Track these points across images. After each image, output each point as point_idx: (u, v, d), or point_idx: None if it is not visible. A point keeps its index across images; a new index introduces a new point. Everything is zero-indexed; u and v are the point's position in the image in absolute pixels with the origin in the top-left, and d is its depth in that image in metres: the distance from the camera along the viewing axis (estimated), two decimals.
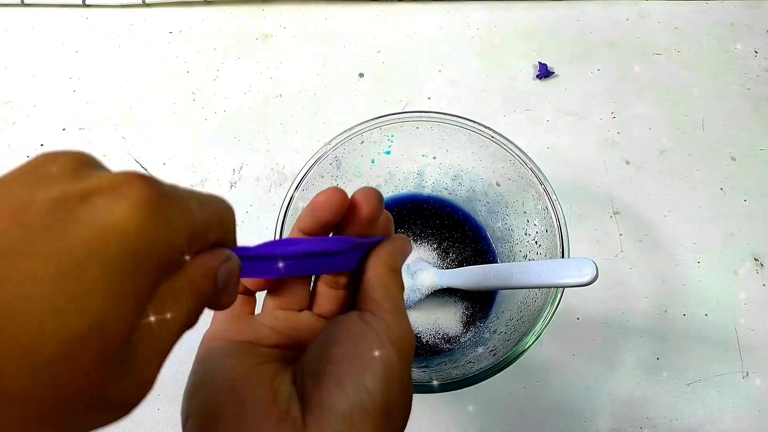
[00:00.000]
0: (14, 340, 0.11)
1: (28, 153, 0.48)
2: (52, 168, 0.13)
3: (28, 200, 0.12)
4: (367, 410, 0.18)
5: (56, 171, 0.13)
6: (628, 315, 0.43)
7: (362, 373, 0.18)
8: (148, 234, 0.13)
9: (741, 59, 0.53)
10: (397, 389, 0.19)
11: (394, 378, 0.19)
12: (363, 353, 0.19)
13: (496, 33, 0.54)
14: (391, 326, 0.20)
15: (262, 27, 0.54)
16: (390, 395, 0.19)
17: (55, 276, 0.11)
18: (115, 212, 0.12)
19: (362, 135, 0.36)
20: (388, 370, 0.19)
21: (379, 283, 0.22)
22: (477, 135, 0.36)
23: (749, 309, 0.44)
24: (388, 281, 0.22)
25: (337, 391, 0.18)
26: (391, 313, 0.21)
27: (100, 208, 0.12)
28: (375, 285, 0.21)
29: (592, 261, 0.29)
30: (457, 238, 0.42)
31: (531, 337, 0.31)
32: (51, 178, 0.13)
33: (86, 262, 0.12)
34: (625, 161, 0.49)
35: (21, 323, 0.11)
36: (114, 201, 0.12)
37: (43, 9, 0.54)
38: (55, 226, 0.12)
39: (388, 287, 0.22)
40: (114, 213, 0.12)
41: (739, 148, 0.49)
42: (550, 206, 0.34)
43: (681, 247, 0.45)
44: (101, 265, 0.12)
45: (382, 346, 0.19)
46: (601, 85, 0.52)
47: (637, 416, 0.41)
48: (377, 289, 0.21)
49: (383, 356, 0.19)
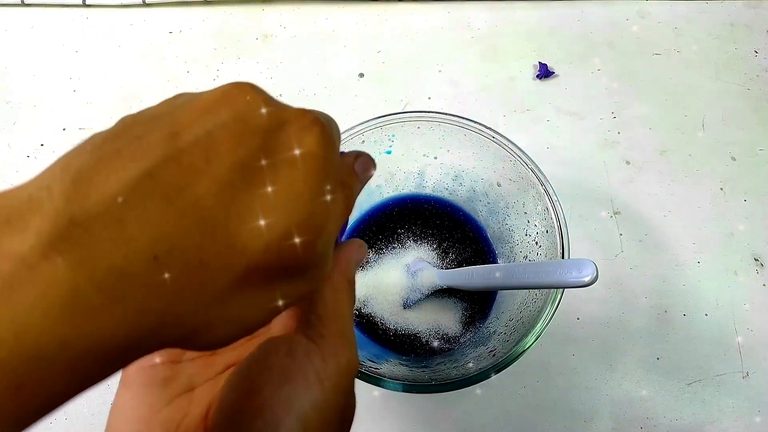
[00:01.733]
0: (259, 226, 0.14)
1: (28, 153, 0.48)
2: (246, 96, 0.16)
3: (243, 122, 0.15)
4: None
5: (251, 99, 0.16)
6: (628, 315, 0.43)
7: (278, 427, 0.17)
8: (328, 155, 0.16)
9: (741, 59, 0.53)
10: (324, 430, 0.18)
11: (321, 422, 0.17)
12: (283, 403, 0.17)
13: (496, 33, 0.54)
14: (328, 356, 0.18)
15: (262, 27, 0.54)
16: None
17: (277, 182, 0.15)
18: (308, 141, 0.16)
19: (363, 135, 0.36)
20: (313, 417, 0.17)
21: (332, 296, 0.19)
22: (478, 135, 0.36)
23: (749, 309, 0.44)
24: (343, 295, 0.20)
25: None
26: (333, 336, 0.19)
27: (296, 137, 0.16)
28: (327, 298, 0.19)
29: (592, 262, 0.29)
30: (458, 238, 0.42)
31: (531, 337, 0.31)
32: (250, 104, 0.16)
33: (296, 174, 0.15)
34: (625, 161, 0.49)
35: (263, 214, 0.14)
36: (304, 132, 0.16)
37: (43, 9, 0.54)
38: (268, 147, 0.15)
39: (340, 302, 0.19)
40: (307, 141, 0.16)
41: (739, 148, 0.49)
42: (551, 207, 0.34)
43: (681, 247, 0.46)
44: (307, 176, 0.15)
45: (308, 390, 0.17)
46: (601, 85, 0.52)
47: (637, 416, 0.41)
48: (327, 303, 0.19)
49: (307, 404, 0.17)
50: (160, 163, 0.13)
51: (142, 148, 0.14)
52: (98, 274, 0.12)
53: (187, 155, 0.14)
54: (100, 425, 0.41)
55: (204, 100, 0.15)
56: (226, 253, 0.14)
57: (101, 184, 0.13)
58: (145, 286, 0.13)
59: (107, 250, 0.12)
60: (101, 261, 0.12)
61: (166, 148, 0.14)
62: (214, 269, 0.14)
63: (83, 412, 0.40)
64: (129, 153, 0.13)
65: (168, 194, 0.13)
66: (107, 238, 0.12)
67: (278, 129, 0.15)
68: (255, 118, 0.15)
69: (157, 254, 0.13)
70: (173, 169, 0.13)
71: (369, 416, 0.39)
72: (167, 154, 0.14)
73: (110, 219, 0.12)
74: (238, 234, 0.14)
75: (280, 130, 0.16)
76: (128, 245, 0.12)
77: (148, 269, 0.13)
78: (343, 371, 0.18)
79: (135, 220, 0.13)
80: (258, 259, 0.14)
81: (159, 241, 0.13)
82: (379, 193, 0.42)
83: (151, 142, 0.14)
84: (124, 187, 0.13)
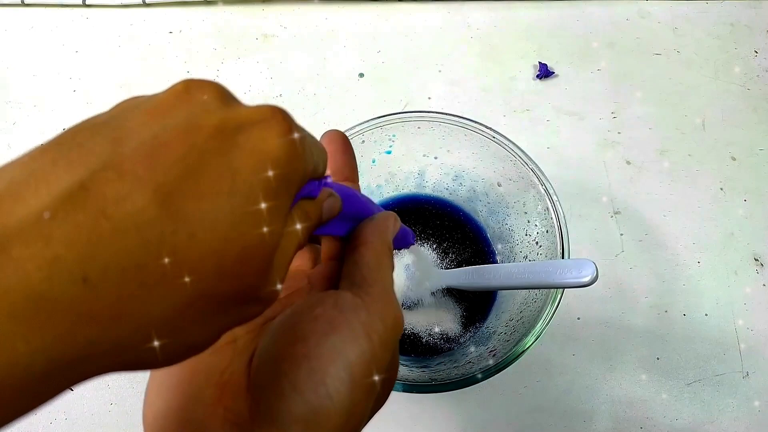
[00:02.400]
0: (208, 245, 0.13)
1: None
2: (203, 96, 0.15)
3: (193, 124, 0.14)
4: (328, 416, 0.16)
5: (208, 99, 0.15)
6: (628, 315, 0.43)
7: (325, 376, 0.16)
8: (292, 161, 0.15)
9: (741, 59, 0.53)
10: (368, 388, 0.17)
11: (365, 377, 0.17)
12: (329, 352, 0.17)
13: (496, 33, 0.54)
14: (374, 312, 0.18)
15: (262, 27, 0.54)
16: (357, 397, 0.17)
17: (230, 193, 0.13)
18: (268, 142, 0.14)
19: (363, 135, 0.36)
20: (358, 371, 0.17)
21: (375, 259, 0.20)
22: (478, 135, 0.36)
23: (749, 309, 0.44)
24: (385, 259, 0.20)
25: (292, 394, 0.16)
26: (379, 295, 0.19)
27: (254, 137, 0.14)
28: (369, 261, 0.19)
29: (593, 262, 0.29)
30: (458, 238, 0.42)
31: (531, 337, 0.31)
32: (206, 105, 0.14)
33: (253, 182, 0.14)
34: (625, 161, 0.49)
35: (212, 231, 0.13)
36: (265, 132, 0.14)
37: (43, 9, 0.54)
38: (221, 150, 0.14)
39: (383, 265, 0.20)
40: (267, 143, 0.14)
41: (739, 148, 0.49)
42: (551, 207, 0.34)
43: (681, 247, 0.46)
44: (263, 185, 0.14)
45: (355, 342, 0.17)
46: (601, 85, 0.52)
47: (637, 416, 0.41)
48: (371, 266, 0.19)
49: (354, 355, 0.17)
50: (98, 171, 0.12)
51: (81, 157, 0.12)
52: (13, 300, 0.11)
53: (129, 162, 0.12)
54: (100, 425, 0.41)
55: (156, 101, 0.14)
56: (171, 274, 0.12)
57: (29, 199, 0.11)
58: (71, 311, 0.11)
59: (25, 273, 0.11)
60: (18, 285, 0.11)
61: (106, 156, 0.12)
62: (158, 293, 0.12)
63: (83, 412, 0.40)
64: (66, 162, 0.12)
65: (103, 207, 0.12)
66: (27, 259, 0.11)
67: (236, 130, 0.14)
68: (209, 118, 0.14)
69: (87, 275, 0.11)
70: (112, 177, 0.12)
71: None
72: (107, 162, 0.12)
73: (33, 237, 0.11)
74: (186, 252, 0.12)
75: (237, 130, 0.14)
76: (52, 266, 0.11)
77: (75, 293, 0.11)
78: (390, 326, 0.18)
79: (62, 237, 0.11)
80: (209, 284, 0.13)
81: (89, 261, 0.11)
82: (379, 193, 0.43)
83: (92, 149, 0.13)
84: (54, 200, 0.11)
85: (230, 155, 0.14)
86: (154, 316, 0.12)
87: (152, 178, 0.12)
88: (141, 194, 0.12)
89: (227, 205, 0.13)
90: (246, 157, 0.14)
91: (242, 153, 0.14)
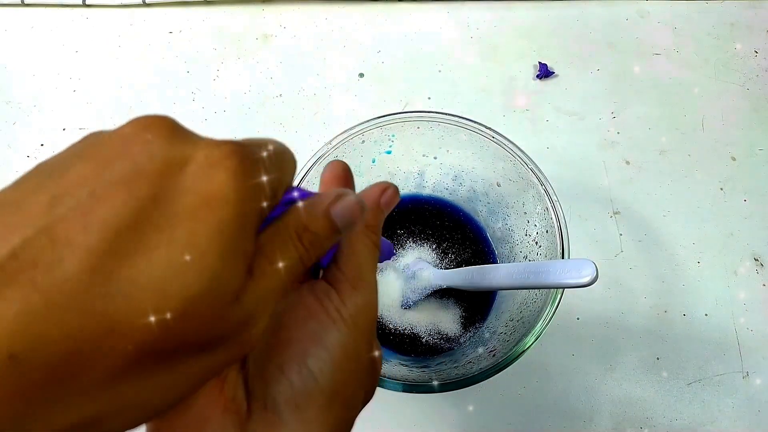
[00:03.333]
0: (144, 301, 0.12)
1: (28, 153, 0.48)
2: (147, 135, 0.14)
3: (135, 171, 0.13)
4: (314, 395, 0.17)
5: (152, 138, 0.14)
6: (628, 315, 0.43)
7: (306, 357, 0.17)
8: (246, 197, 0.14)
9: (741, 59, 0.53)
10: (350, 367, 0.18)
11: (345, 358, 0.18)
12: (309, 336, 0.18)
13: (496, 33, 0.54)
14: (347, 299, 0.18)
15: (262, 27, 0.54)
16: (340, 375, 0.18)
17: (170, 242, 0.12)
18: (215, 181, 0.13)
19: (363, 135, 0.36)
20: (337, 351, 0.18)
21: (348, 245, 0.19)
22: (478, 135, 0.36)
23: (749, 309, 0.44)
24: (358, 242, 0.20)
25: (280, 377, 0.17)
26: (350, 282, 0.19)
27: (200, 178, 0.13)
28: (343, 247, 0.19)
29: (592, 262, 0.29)
30: (458, 238, 0.42)
31: (531, 337, 0.31)
32: (149, 146, 0.14)
33: (196, 228, 0.13)
34: (625, 161, 0.49)
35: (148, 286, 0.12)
36: (211, 170, 0.13)
37: (43, 9, 0.54)
38: (164, 196, 0.13)
39: (355, 247, 0.19)
40: (214, 182, 0.13)
41: (739, 148, 0.49)
42: (551, 207, 0.34)
43: (681, 247, 0.46)
44: (209, 230, 0.13)
45: (330, 326, 0.18)
46: (601, 85, 0.52)
47: (637, 416, 0.41)
48: (343, 251, 0.19)
49: (331, 338, 0.18)
50: (30, 238, 0.12)
51: (16, 220, 0.12)
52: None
53: (63, 224, 0.12)
54: None
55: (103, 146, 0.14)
56: (107, 337, 0.12)
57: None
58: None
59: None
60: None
61: (41, 218, 0.12)
62: (93, 358, 0.12)
63: None
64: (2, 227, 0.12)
65: (33, 277, 0.11)
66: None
67: (180, 171, 0.13)
68: (150, 162, 0.13)
69: (13, 352, 0.11)
70: (43, 243, 0.12)
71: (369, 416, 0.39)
72: (41, 226, 0.12)
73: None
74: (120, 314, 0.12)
75: (182, 171, 0.13)
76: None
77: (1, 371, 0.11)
78: (360, 309, 0.19)
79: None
80: (148, 341, 0.12)
81: (17, 336, 0.11)
82: None
83: (29, 211, 0.12)
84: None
85: (170, 202, 0.13)
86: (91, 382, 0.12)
87: (85, 241, 0.12)
88: (72, 260, 0.12)
89: (164, 258, 0.12)
90: (190, 200, 0.13)
91: (186, 196, 0.13)
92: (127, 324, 0.12)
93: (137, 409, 0.13)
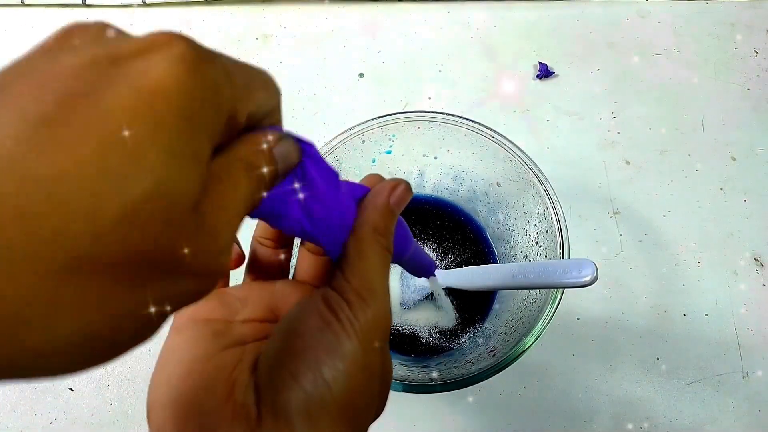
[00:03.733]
0: (73, 205, 0.10)
1: None
2: (75, 40, 0.12)
3: (53, 68, 0.11)
4: (327, 404, 0.17)
5: (80, 42, 0.12)
6: (628, 315, 0.43)
7: (320, 366, 0.17)
8: (195, 94, 0.12)
9: (741, 59, 0.53)
10: (363, 378, 0.18)
11: (358, 368, 0.17)
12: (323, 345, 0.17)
13: (496, 33, 0.54)
14: (357, 313, 0.18)
15: (262, 27, 0.54)
16: (353, 385, 0.17)
17: (102, 140, 0.11)
18: (153, 71, 0.11)
19: (363, 134, 0.36)
20: (350, 363, 0.17)
21: (355, 251, 0.18)
22: (478, 135, 0.36)
23: (749, 309, 0.44)
24: (367, 248, 0.18)
25: (293, 385, 0.17)
26: (359, 293, 0.18)
27: (135, 69, 0.11)
28: (350, 254, 0.18)
29: (592, 262, 0.29)
30: (458, 238, 0.42)
31: (531, 337, 0.31)
32: (74, 48, 0.12)
33: (133, 123, 0.11)
34: (625, 161, 0.49)
35: (76, 189, 0.10)
36: (150, 60, 0.12)
37: (43, 9, 0.54)
38: (88, 90, 0.11)
39: (364, 257, 0.18)
40: (152, 72, 0.11)
41: (739, 148, 0.49)
42: (551, 207, 0.34)
43: (681, 247, 0.46)
44: (151, 127, 0.11)
45: (343, 338, 0.17)
46: (601, 85, 0.52)
47: (637, 416, 0.41)
48: (350, 260, 0.18)
49: (345, 349, 0.17)
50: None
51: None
52: None
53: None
54: (100, 425, 0.41)
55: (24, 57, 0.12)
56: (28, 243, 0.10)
57: None
58: None
59: None
60: None
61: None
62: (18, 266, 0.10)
63: (83, 412, 0.40)
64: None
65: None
66: None
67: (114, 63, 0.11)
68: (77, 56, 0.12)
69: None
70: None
71: None
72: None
73: None
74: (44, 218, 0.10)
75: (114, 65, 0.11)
76: None
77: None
78: (371, 323, 0.18)
79: None
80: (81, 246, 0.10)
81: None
82: None
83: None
84: None
85: (101, 94, 0.11)
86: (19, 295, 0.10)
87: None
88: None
89: (94, 156, 0.10)
90: (122, 94, 0.11)
91: (118, 90, 0.11)
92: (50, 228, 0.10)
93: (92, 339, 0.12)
